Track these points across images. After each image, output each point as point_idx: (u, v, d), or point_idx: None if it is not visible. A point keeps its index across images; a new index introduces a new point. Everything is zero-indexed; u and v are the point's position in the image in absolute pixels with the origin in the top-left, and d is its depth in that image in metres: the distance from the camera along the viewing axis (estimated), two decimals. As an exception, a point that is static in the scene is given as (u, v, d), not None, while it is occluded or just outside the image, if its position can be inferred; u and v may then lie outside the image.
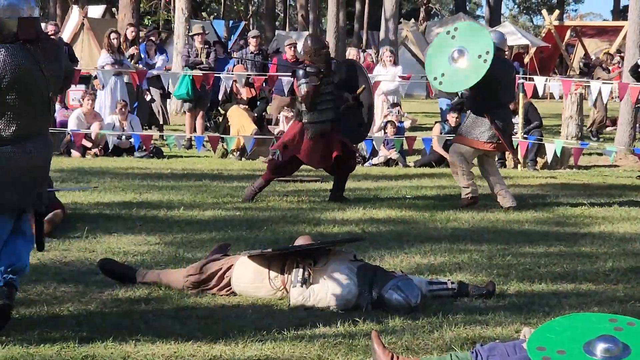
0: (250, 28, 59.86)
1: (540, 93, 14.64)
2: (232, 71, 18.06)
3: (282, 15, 71.93)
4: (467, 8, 77.60)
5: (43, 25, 36.63)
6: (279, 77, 17.08)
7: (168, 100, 23.45)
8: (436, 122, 17.93)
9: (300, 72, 11.43)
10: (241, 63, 18.28)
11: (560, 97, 18.48)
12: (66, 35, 32.02)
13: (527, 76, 17.59)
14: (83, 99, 16.71)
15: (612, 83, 16.88)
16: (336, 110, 11.52)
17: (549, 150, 14.70)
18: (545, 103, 29.26)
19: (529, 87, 15.60)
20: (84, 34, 32.99)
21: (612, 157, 14.46)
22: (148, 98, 18.87)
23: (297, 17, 52.90)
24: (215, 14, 62.98)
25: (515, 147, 15.43)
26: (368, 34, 48.89)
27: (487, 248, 9.19)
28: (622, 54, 26.64)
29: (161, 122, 20.16)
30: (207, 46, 18.21)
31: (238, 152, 16.23)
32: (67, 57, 6.36)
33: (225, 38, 38.90)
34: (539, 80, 14.65)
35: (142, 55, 19.53)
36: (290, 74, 16.76)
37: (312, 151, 11.51)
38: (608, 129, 23.06)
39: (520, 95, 15.63)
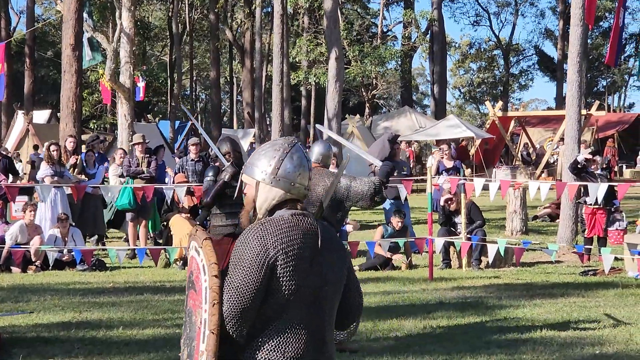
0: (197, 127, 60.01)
1: (478, 194, 14.69)
2: (174, 179, 18.00)
3: (229, 111, 72.35)
4: (414, 98, 78.60)
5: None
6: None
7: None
8: (379, 225, 18.00)
9: (211, 171, 11.61)
10: (182, 172, 18.19)
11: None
12: (11, 142, 31.99)
13: (467, 177, 17.72)
14: (25, 211, 16.53)
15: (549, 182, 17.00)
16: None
17: (490, 250, 14.75)
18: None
19: (470, 188, 15.64)
20: (29, 140, 32.98)
21: (553, 256, 14.51)
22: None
23: (244, 114, 53.21)
24: (161, 116, 63.22)
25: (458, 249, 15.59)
26: (315, 128, 49.08)
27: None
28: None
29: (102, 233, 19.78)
30: (147, 155, 18.12)
31: (181, 262, 16.11)
32: None
33: (172, 139, 39.03)
34: (479, 182, 14.72)
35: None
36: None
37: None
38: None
39: (462, 195, 15.70)
